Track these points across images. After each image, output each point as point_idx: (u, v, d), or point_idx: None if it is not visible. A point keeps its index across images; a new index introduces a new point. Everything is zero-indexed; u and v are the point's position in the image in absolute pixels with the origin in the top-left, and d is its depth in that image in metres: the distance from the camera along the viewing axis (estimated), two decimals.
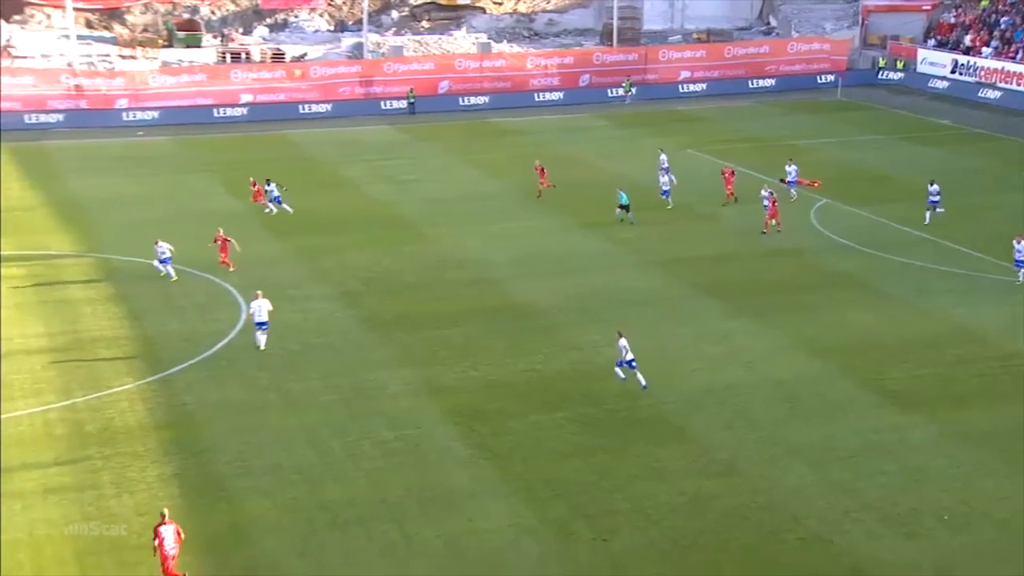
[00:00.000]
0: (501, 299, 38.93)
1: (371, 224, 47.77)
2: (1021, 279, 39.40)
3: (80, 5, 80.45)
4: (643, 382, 31.19)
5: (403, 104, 73.94)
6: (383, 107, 74.18)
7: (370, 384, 31.94)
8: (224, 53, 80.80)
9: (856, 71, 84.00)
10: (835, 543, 24.29)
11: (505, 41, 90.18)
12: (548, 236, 46.18)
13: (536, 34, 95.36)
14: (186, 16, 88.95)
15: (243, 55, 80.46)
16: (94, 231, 45.99)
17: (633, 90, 77.61)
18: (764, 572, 23.39)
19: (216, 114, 70.90)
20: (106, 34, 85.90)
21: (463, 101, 75.99)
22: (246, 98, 72.22)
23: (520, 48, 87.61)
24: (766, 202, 45.85)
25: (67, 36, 75.71)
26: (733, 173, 50.74)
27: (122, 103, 69.74)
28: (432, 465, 27.53)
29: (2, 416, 29.43)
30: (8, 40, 79.03)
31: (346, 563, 23.45)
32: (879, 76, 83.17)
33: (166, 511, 22.90)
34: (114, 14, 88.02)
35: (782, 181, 50.48)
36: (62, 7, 76.22)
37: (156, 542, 22.05)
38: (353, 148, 63.80)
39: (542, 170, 51.49)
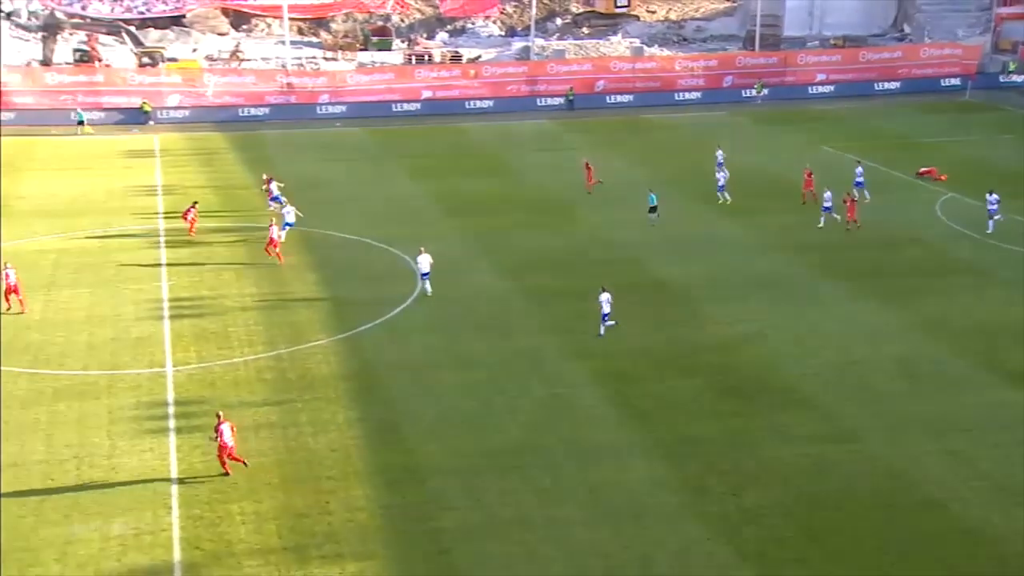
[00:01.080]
0: (644, 276, 38.43)
1: (530, 207, 47.78)
2: None
3: (294, 15, 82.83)
4: (602, 331, 32.13)
5: (562, 101, 73.64)
6: (545, 103, 73.97)
7: (527, 348, 32.01)
8: (410, 55, 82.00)
9: (984, 75, 79.40)
10: (951, 508, 23.21)
11: (656, 46, 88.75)
12: (685, 221, 45.31)
13: (684, 39, 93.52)
14: (380, 23, 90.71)
15: (426, 57, 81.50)
16: (298, 207, 47.34)
17: (765, 91, 75.32)
18: (882, 531, 22.48)
19: (395, 108, 71.81)
20: (313, 39, 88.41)
21: (615, 99, 75.13)
22: (426, 94, 73.08)
23: (669, 52, 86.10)
24: (827, 204, 43.47)
25: (283, 42, 78.10)
26: (811, 174, 47.86)
27: (324, 99, 71.49)
28: (580, 421, 27.45)
29: (215, 363, 30.69)
30: (237, 45, 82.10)
31: (503, 503, 23.60)
32: (1004, 79, 78.32)
33: (221, 412, 24.64)
34: (321, 22, 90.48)
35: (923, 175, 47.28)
36: (280, 17, 78.59)
37: (217, 436, 24.04)
38: (517, 139, 63.87)
39: (589, 168, 50.32)
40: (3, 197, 48.01)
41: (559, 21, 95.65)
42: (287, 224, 42.08)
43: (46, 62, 72.90)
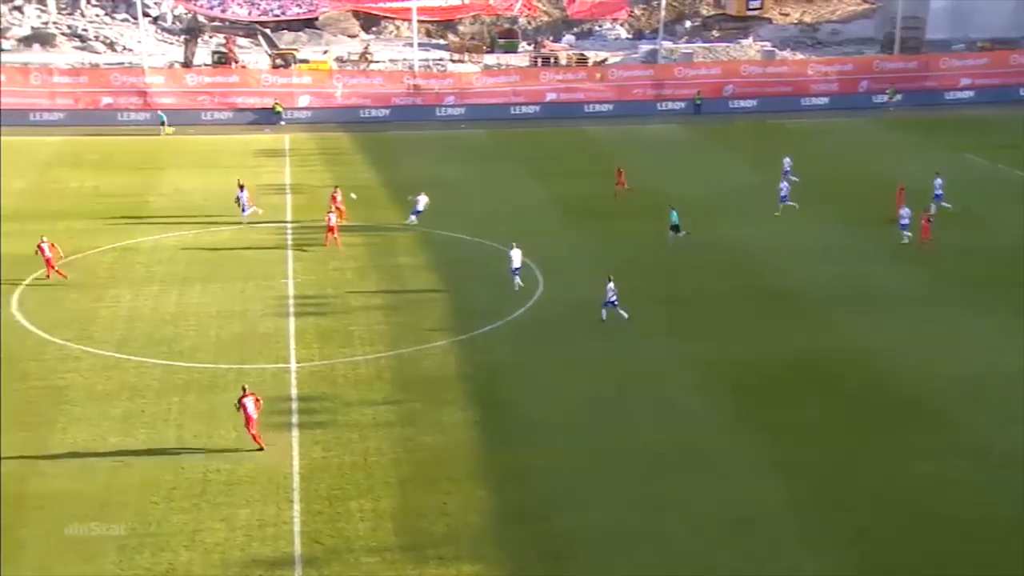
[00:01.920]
0: (764, 283, 37.95)
1: (651, 211, 47.58)
2: None
3: (423, 18, 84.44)
4: (625, 315, 33.28)
5: (683, 105, 72.95)
6: (670, 108, 73.45)
7: (643, 353, 32.00)
8: (536, 58, 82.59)
9: None
10: None
11: (788, 49, 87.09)
12: (809, 228, 44.52)
13: (819, 43, 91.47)
14: (506, 26, 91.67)
15: (552, 59, 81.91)
16: (434, 209, 48.22)
17: (898, 96, 72.96)
18: (1012, 549, 21.63)
19: (513, 111, 72.28)
20: (441, 42, 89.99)
21: (739, 104, 74.05)
22: (550, 96, 73.43)
23: (802, 56, 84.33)
24: (904, 221, 41.86)
25: (410, 44, 79.67)
26: (903, 190, 45.58)
27: (449, 100, 72.65)
28: (691, 429, 27.34)
29: (337, 360, 31.64)
30: (366, 47, 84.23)
31: (613, 508, 23.74)
32: None
33: (246, 386, 26.26)
34: (448, 25, 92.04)
35: None
36: (409, 19, 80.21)
37: (241, 410, 25.66)
38: (640, 142, 63.66)
39: (621, 172, 49.79)
40: (141, 194, 50.43)
41: (688, 24, 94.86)
42: (416, 211, 43.34)
43: (187, 64, 76.20)
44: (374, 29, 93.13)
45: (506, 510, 23.74)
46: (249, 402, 25.82)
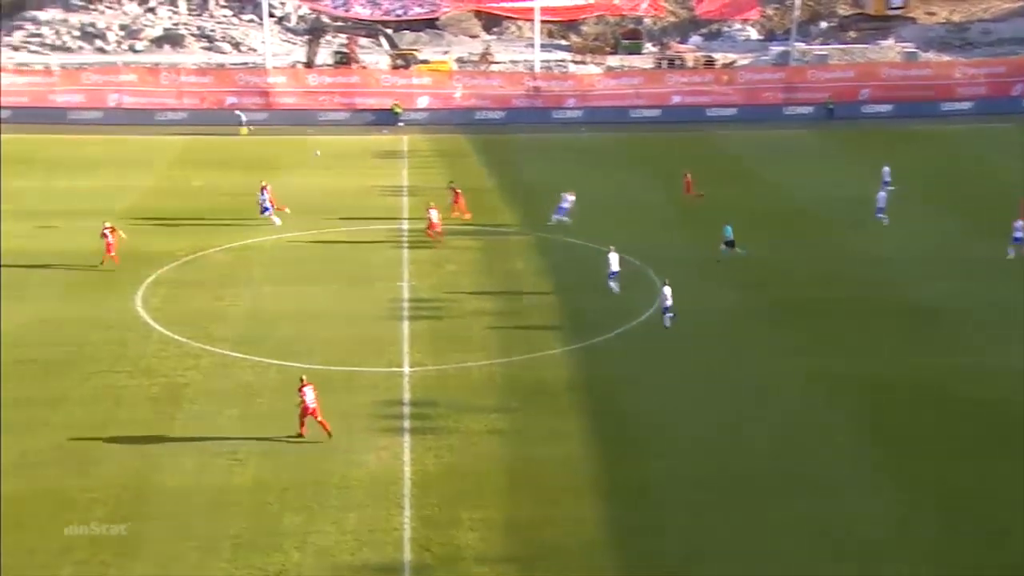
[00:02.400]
0: (896, 296, 36.94)
1: (778, 218, 46.79)
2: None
3: (546, 18, 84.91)
4: (667, 323, 33.86)
5: (812, 110, 71.39)
6: (798, 112, 72.04)
7: (768, 367, 31.46)
8: (660, 59, 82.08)
9: None
10: None
11: (933, 51, 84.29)
12: (943, 239, 43.19)
13: (969, 43, 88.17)
14: (631, 26, 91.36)
15: (677, 61, 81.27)
16: (535, 212, 48.48)
17: None
18: None
19: (632, 115, 71.90)
20: (563, 42, 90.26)
21: (875, 109, 72.02)
22: (675, 99, 72.84)
23: (949, 57, 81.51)
24: (1019, 234, 40.35)
25: (532, 45, 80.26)
26: None
27: (570, 102, 72.81)
28: (819, 449, 26.73)
29: (450, 366, 32.01)
30: (487, 48, 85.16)
31: (730, 529, 23.37)
32: None
33: (304, 376, 27.31)
34: (571, 26, 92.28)
35: None
36: (532, 20, 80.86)
37: (301, 398, 26.78)
38: (768, 148, 62.61)
39: (688, 178, 49.61)
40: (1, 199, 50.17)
41: (823, 24, 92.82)
42: (561, 209, 44.76)
43: (309, 64, 78.38)
44: (495, 29, 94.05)
45: (619, 524, 23.64)
46: (309, 391, 27.00)
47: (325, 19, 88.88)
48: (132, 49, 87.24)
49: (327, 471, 25.86)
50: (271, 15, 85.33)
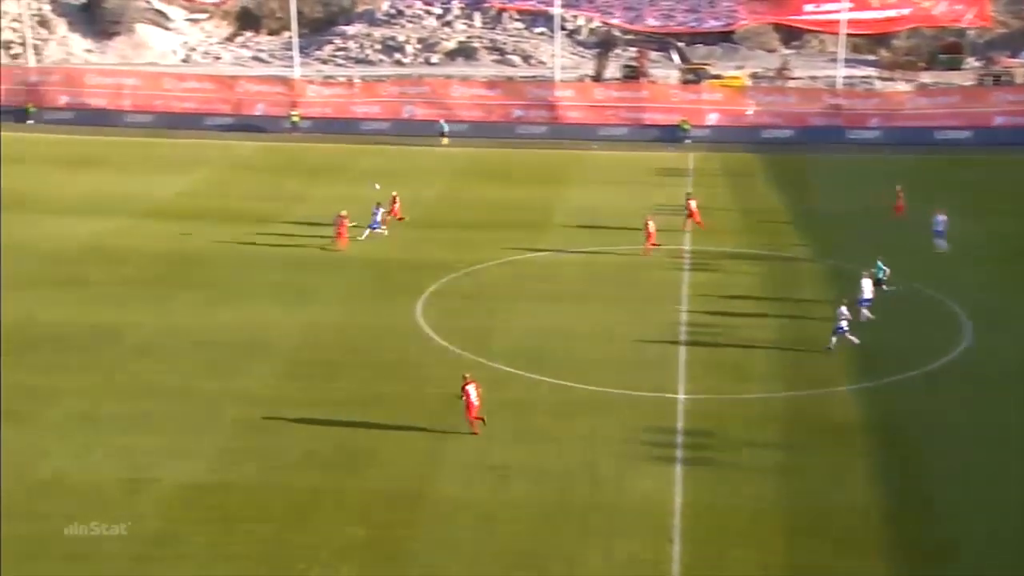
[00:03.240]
0: None
1: None
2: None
3: (853, 31, 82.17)
4: (831, 344, 33.33)
5: None
6: None
7: None
8: (984, 75, 77.25)
9: None
10: None
11: None
12: None
13: None
14: (951, 39, 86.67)
15: (1005, 77, 76.16)
16: (827, 237, 46.80)
17: None
18: None
19: (938, 136, 67.45)
20: (869, 57, 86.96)
21: None
22: (998, 120, 68.22)
23: None
24: None
25: (834, 60, 77.83)
26: None
27: (873, 122, 69.91)
28: None
29: (726, 396, 31.53)
30: (785, 63, 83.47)
31: None
32: None
33: (467, 374, 28.96)
34: (881, 39, 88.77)
35: None
36: (835, 33, 78.46)
37: (464, 396, 28.46)
38: None
39: (900, 195, 47.49)
40: (542, 208, 53.32)
41: None
42: (938, 232, 44.03)
43: (597, 78, 79.88)
44: (795, 43, 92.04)
45: None
46: (471, 389, 28.58)
47: (616, 32, 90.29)
48: (427, 62, 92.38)
49: (596, 496, 26.12)
50: (562, 28, 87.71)
